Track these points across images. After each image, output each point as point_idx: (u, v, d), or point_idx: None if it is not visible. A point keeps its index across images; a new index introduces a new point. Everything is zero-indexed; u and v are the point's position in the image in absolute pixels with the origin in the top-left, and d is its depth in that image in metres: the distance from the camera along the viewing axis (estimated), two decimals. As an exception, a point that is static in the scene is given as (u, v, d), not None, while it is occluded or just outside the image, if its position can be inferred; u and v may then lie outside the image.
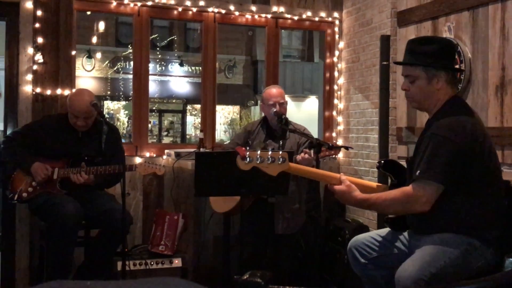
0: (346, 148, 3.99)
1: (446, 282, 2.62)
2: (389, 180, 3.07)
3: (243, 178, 3.40)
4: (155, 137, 17.16)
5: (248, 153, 2.61)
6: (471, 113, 2.83)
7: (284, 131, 4.30)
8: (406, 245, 2.91)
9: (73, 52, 4.69)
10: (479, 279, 2.01)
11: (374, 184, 2.93)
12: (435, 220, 2.70)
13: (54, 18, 4.59)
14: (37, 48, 4.51)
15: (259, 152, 2.64)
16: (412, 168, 2.78)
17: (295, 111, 17.72)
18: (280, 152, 2.68)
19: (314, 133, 12.25)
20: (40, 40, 4.52)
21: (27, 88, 4.52)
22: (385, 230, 3.03)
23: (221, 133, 17.14)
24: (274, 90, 4.35)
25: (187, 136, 17.29)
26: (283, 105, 4.31)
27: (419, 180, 2.65)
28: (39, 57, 4.51)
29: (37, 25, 4.53)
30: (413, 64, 2.84)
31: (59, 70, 4.57)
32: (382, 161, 3.10)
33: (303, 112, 17.84)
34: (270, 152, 2.64)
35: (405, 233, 2.94)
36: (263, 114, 4.51)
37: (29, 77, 4.52)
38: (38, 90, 4.53)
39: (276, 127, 4.31)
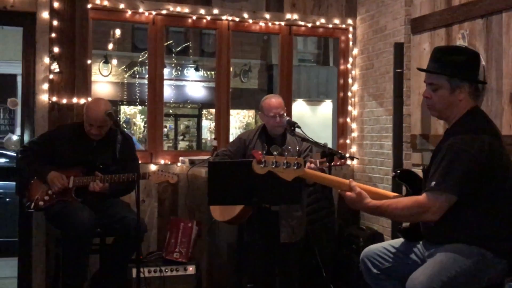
0: (351, 158, 3.89)
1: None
2: (404, 189, 3.05)
3: (256, 187, 3.42)
4: (171, 141, 17.22)
5: (264, 157, 2.63)
6: (491, 126, 2.81)
7: (284, 139, 4.29)
8: (419, 255, 2.90)
9: (89, 61, 4.75)
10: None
11: (391, 194, 2.91)
12: (448, 230, 2.69)
13: (70, 27, 4.66)
14: (53, 58, 4.57)
15: (275, 156, 2.65)
16: (427, 176, 2.77)
17: (310, 115, 17.69)
18: (296, 158, 2.69)
19: (329, 138, 12.23)
20: (56, 49, 4.58)
21: (44, 97, 4.58)
22: (398, 241, 3.03)
23: (237, 137, 17.10)
24: (274, 100, 4.29)
25: (203, 141, 17.33)
26: (283, 116, 4.27)
27: (433, 191, 2.64)
28: (55, 67, 4.57)
29: (53, 34, 4.60)
30: (437, 73, 2.83)
31: (75, 79, 4.64)
32: (398, 171, 3.09)
33: (318, 117, 17.79)
34: (285, 157, 2.65)
35: (419, 244, 2.93)
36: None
37: (46, 86, 4.58)
38: (54, 99, 4.59)
39: (276, 136, 4.31)
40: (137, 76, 15.97)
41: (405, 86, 4.71)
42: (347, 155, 5.33)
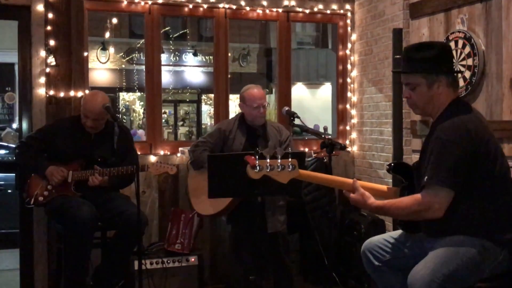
0: (343, 148, 3.82)
1: (458, 284, 2.61)
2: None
3: (257, 180, 3.39)
4: (170, 127, 17.21)
5: (258, 161, 2.61)
6: (474, 114, 2.80)
7: (265, 130, 4.28)
8: (420, 247, 2.89)
9: (85, 54, 4.71)
10: None
11: (385, 187, 2.92)
12: (447, 223, 2.69)
13: (65, 20, 4.62)
14: (49, 51, 4.54)
15: (268, 160, 2.63)
16: (420, 174, 2.77)
17: (310, 99, 17.66)
18: (290, 160, 2.67)
19: (329, 122, 12.20)
20: (52, 42, 4.54)
21: (41, 91, 4.55)
22: (398, 232, 3.02)
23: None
24: (256, 91, 4.25)
25: (203, 126, 17.31)
26: (266, 107, 4.26)
27: (428, 186, 2.64)
28: (51, 60, 4.54)
29: (48, 27, 4.56)
30: (411, 72, 2.83)
31: (71, 71, 4.60)
32: (392, 164, 3.08)
33: (318, 100, 17.76)
34: (279, 160, 2.63)
35: (419, 236, 2.93)
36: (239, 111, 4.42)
37: (42, 79, 4.55)
38: (51, 92, 4.56)
39: (257, 127, 4.29)
40: (136, 62, 15.91)
41: (404, 72, 4.67)
42: (357, 142, 5.34)
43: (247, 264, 4.18)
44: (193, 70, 16.95)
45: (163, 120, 16.72)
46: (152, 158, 4.89)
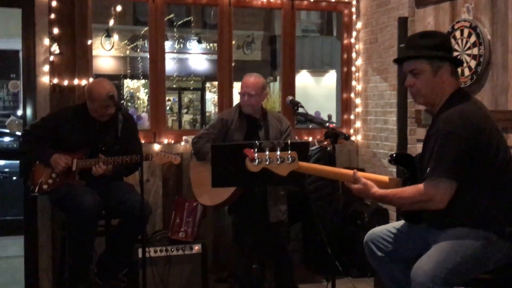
0: (347, 138, 3.81)
1: (462, 278, 2.61)
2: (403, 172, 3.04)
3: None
4: (175, 115, 17.20)
5: (256, 154, 2.60)
6: (477, 105, 2.79)
7: (266, 120, 4.26)
8: (423, 238, 2.89)
9: (89, 42, 4.69)
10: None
11: (387, 178, 2.91)
12: (450, 215, 2.68)
13: (69, 7, 4.60)
14: (53, 39, 4.53)
15: (267, 153, 2.62)
16: (422, 165, 2.77)
17: (314, 86, 17.63)
18: (289, 152, 2.66)
19: (333, 110, 12.06)
20: (56, 31, 4.53)
21: (45, 79, 4.55)
22: (401, 223, 3.02)
23: (241, 110, 17.04)
24: (246, 79, 4.25)
25: (207, 114, 17.30)
26: (253, 97, 4.22)
27: (430, 178, 2.64)
28: (55, 48, 4.53)
29: (52, 15, 4.55)
30: (417, 57, 2.80)
31: (75, 60, 4.59)
32: (394, 155, 3.07)
33: (323, 87, 17.73)
34: (278, 152, 2.62)
35: (422, 227, 2.92)
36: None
37: (46, 68, 4.55)
38: (55, 81, 4.55)
39: (258, 116, 4.29)
40: (140, 49, 15.88)
41: (409, 61, 4.64)
42: (361, 131, 5.32)
43: (249, 254, 4.20)
44: (197, 57, 16.91)
45: (168, 108, 16.80)
46: (156, 147, 4.89)
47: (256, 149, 2.63)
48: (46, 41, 4.54)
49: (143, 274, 3.72)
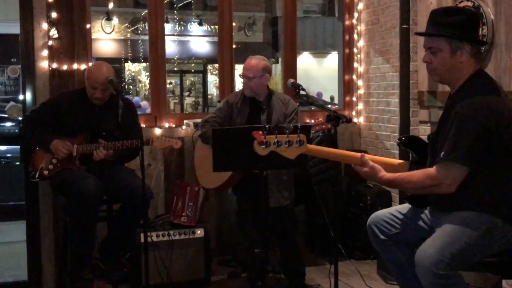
0: (349, 121, 3.77)
1: (467, 262, 2.59)
2: (410, 156, 3.00)
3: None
4: (177, 98, 17.16)
5: (265, 137, 2.57)
6: (497, 89, 2.72)
7: (270, 102, 4.23)
8: (427, 222, 2.87)
9: (88, 26, 4.64)
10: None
11: (395, 161, 2.87)
12: (457, 198, 2.65)
13: (67, -9, 4.53)
14: (52, 23, 4.47)
15: (276, 135, 2.59)
16: (435, 146, 2.72)
17: (316, 68, 17.54)
18: (298, 135, 2.62)
19: (335, 91, 11.98)
20: (54, 14, 4.47)
21: (44, 64, 4.51)
22: (405, 206, 3.00)
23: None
24: (247, 61, 4.21)
25: (209, 96, 17.26)
26: (251, 80, 4.17)
27: (443, 162, 2.59)
28: (54, 32, 4.47)
29: (50, -1, 4.49)
30: (436, 36, 2.75)
31: (74, 44, 4.54)
32: (403, 138, 3.03)
33: (325, 69, 17.64)
34: (287, 135, 2.59)
35: (426, 210, 2.90)
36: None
37: (45, 52, 4.50)
38: (54, 65, 4.50)
39: (262, 99, 4.25)
40: (141, 32, 15.80)
41: (411, 41, 4.58)
42: (364, 113, 5.28)
43: (252, 237, 4.19)
44: (199, 40, 16.83)
45: (170, 91, 16.77)
46: (157, 131, 4.87)
47: (265, 132, 2.59)
48: (45, 25, 4.48)
49: (145, 258, 3.71)
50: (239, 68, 5.40)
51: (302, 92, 3.96)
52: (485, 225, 2.61)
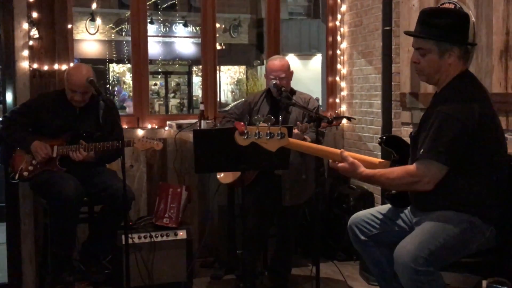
0: (348, 118, 3.91)
1: (445, 259, 2.60)
2: (392, 156, 3.00)
3: (243, 154, 3.35)
4: (162, 99, 17.10)
5: (246, 128, 2.57)
6: (481, 91, 2.74)
7: (289, 103, 4.24)
8: (407, 222, 2.88)
9: (69, 26, 4.61)
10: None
11: (377, 160, 2.88)
12: (436, 197, 2.66)
13: (48, -9, 4.50)
14: (32, 23, 4.43)
15: (257, 127, 2.59)
16: (416, 144, 2.73)
17: (302, 70, 17.53)
18: (279, 127, 2.62)
19: (319, 93, 12.06)
20: (34, 14, 4.43)
21: (24, 64, 4.46)
22: (385, 207, 3.01)
23: (228, 94, 17.05)
24: (276, 63, 4.22)
25: (194, 98, 17.21)
26: (285, 79, 4.21)
27: (423, 159, 2.60)
28: (34, 32, 4.43)
29: (31, -1, 4.45)
30: (425, 37, 2.76)
31: (55, 44, 4.50)
32: (384, 137, 3.04)
33: (310, 71, 17.65)
34: (269, 127, 2.59)
35: (406, 210, 2.91)
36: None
37: (26, 53, 4.45)
38: (35, 66, 4.46)
39: (282, 98, 4.26)
40: (125, 33, 15.72)
41: (394, 43, 4.60)
42: (346, 115, 5.30)
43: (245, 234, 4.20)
44: (184, 41, 16.78)
45: (155, 92, 16.71)
46: (140, 132, 4.84)
47: (246, 123, 2.59)
48: (25, 25, 4.44)
49: (127, 260, 3.68)
50: (223, 69, 5.40)
51: (284, 93, 3.98)
52: (464, 223, 2.63)
